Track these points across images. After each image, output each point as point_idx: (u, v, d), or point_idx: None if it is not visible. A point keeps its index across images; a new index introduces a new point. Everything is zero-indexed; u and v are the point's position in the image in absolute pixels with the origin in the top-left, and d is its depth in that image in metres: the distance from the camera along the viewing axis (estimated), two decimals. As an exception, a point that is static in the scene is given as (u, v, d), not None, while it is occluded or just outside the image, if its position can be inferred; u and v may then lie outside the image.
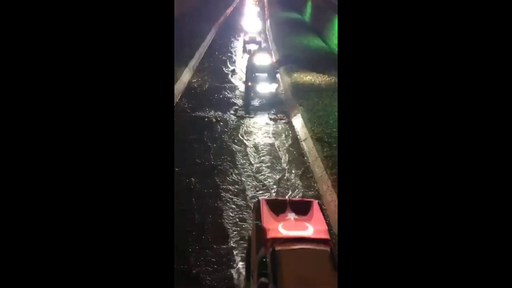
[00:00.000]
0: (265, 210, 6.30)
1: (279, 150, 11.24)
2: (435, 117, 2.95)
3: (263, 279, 5.13)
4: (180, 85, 15.25)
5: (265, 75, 14.87)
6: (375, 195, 3.00)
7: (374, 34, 3.11)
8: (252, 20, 27.40)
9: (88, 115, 2.98)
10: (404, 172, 2.97)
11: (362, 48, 3.14)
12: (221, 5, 37.63)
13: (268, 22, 31.53)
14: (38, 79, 2.92)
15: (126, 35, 3.10)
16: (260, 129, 12.65)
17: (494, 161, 2.82)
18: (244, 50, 23.36)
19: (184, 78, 16.13)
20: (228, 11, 38.11)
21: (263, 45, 24.41)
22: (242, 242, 7.30)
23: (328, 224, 6.35)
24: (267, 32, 28.56)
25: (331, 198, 8.37)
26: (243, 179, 9.56)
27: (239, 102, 14.99)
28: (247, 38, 23.62)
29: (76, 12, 3.01)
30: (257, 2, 42.43)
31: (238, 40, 26.44)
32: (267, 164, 10.36)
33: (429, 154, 2.94)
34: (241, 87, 16.47)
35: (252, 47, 22.91)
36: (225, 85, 16.80)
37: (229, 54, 22.82)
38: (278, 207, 6.43)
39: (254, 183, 9.41)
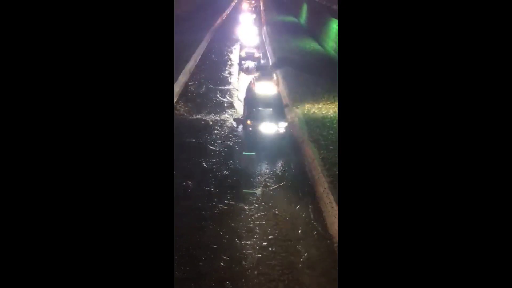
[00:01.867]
0: None
1: (276, 152, 11.25)
2: (435, 118, 2.98)
3: None
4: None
5: (270, 110, 11.29)
6: (375, 195, 3.01)
7: (373, 37, 3.14)
8: (248, 30, 23.76)
9: (88, 117, 2.98)
10: (404, 173, 2.99)
11: (361, 50, 3.17)
12: (212, 12, 35.12)
13: (264, 29, 29.94)
14: (37, 80, 2.91)
15: (125, 38, 3.11)
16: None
17: (494, 162, 2.84)
18: (240, 68, 19.93)
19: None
20: (222, 17, 35.75)
21: (263, 61, 20.79)
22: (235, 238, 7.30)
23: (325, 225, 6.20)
24: (263, 36, 27.85)
25: (328, 200, 8.38)
26: (240, 180, 9.57)
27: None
28: (243, 54, 20.04)
29: (79, 16, 3.02)
30: (253, 9, 40.41)
31: (233, 53, 23.39)
32: (264, 165, 10.37)
33: (429, 155, 2.96)
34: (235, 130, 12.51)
35: (250, 64, 19.55)
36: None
37: (221, 78, 18.35)
38: None
39: (250, 183, 9.43)
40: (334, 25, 22.45)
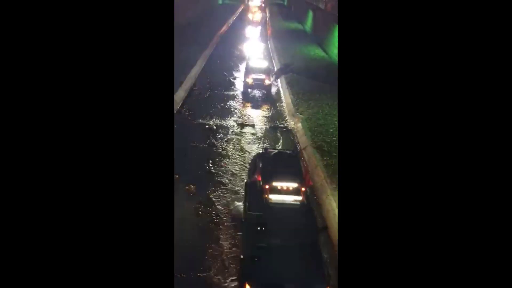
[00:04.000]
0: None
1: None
2: (434, 124, 2.98)
3: None
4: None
5: (292, 217, 6.50)
6: (375, 200, 3.02)
7: (373, 43, 3.16)
8: (254, 48, 19.99)
9: (89, 121, 3.01)
10: (404, 178, 2.99)
11: (361, 57, 3.19)
12: (214, 24, 31.22)
13: (271, 43, 27.76)
14: (43, 89, 2.95)
15: (125, 45, 3.14)
16: (260, 137, 12.67)
17: (494, 163, 2.84)
18: (246, 97, 16.05)
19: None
20: (228, 23, 32.50)
21: (274, 89, 16.97)
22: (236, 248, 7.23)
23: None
24: (269, 45, 26.92)
25: (330, 206, 8.35)
26: (242, 185, 9.56)
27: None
28: (250, 80, 15.63)
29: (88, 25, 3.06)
30: (258, 20, 36.04)
31: (235, 80, 18.72)
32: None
33: (429, 160, 2.96)
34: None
35: (258, 93, 16.21)
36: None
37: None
38: None
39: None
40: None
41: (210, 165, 10.46)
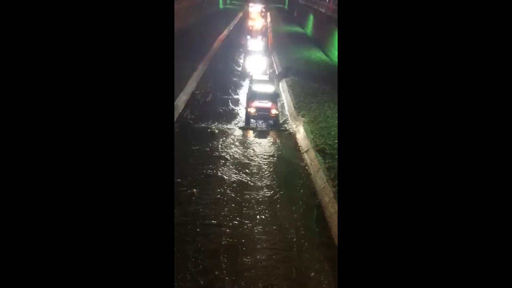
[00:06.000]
0: None
1: (281, 161, 11.20)
2: (435, 126, 2.94)
3: None
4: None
5: None
6: (375, 201, 2.97)
7: (372, 45, 3.14)
8: (257, 66, 18.22)
9: (89, 124, 3.00)
10: (404, 178, 2.95)
11: (361, 59, 3.17)
12: (205, 39, 27.33)
13: (272, 46, 26.50)
14: (45, 96, 2.95)
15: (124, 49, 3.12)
16: (262, 138, 12.64)
17: (493, 163, 2.79)
18: (247, 126, 13.35)
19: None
20: (217, 43, 27.86)
21: (281, 119, 14.08)
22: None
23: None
24: (270, 50, 26.28)
25: (333, 209, 8.27)
26: (245, 189, 9.51)
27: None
28: (252, 110, 12.98)
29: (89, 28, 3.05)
30: (258, 30, 32.13)
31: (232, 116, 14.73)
32: (269, 175, 10.31)
33: (429, 161, 2.91)
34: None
35: (263, 123, 13.47)
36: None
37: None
38: None
39: (256, 192, 9.36)
40: (339, 35, 22.50)
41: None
